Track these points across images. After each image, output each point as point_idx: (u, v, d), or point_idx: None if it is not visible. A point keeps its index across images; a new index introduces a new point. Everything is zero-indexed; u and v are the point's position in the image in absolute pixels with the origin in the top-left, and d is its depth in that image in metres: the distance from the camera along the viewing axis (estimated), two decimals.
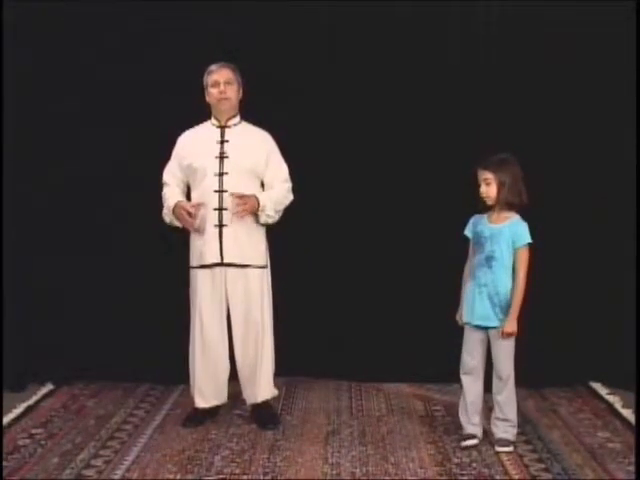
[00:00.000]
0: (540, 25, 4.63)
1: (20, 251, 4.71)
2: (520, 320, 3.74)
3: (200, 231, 4.02)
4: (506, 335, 3.74)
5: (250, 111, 4.21)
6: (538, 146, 4.58)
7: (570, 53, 4.64)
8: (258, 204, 4.01)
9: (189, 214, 3.99)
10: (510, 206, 3.77)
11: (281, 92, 4.64)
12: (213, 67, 4.10)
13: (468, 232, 3.90)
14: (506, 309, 3.75)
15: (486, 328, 3.80)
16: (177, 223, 4.09)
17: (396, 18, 4.71)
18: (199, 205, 4.01)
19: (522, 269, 3.75)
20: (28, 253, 4.74)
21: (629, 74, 4.56)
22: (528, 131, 4.62)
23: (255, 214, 4.04)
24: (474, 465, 3.65)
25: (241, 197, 3.96)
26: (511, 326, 3.73)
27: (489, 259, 3.76)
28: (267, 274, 4.18)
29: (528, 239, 3.76)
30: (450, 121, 4.72)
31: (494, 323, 3.77)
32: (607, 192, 4.69)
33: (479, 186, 3.79)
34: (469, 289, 3.84)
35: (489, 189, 3.77)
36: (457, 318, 3.92)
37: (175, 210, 4.04)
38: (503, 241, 3.75)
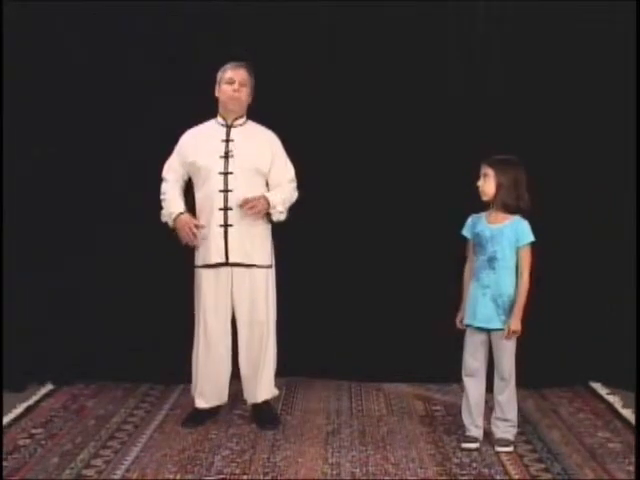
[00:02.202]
0: (540, 25, 4.63)
1: (20, 251, 4.71)
2: (524, 319, 3.74)
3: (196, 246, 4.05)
4: (511, 334, 3.73)
5: (251, 110, 4.21)
6: (537, 146, 4.58)
7: (570, 53, 4.64)
8: (268, 204, 4.01)
9: (192, 232, 3.99)
10: (506, 208, 3.76)
11: (282, 92, 4.63)
12: (230, 65, 4.07)
13: (466, 232, 3.89)
14: (509, 310, 3.74)
15: (488, 330, 3.80)
16: (173, 227, 4.07)
17: (396, 18, 4.71)
18: (202, 226, 4.01)
19: (526, 268, 3.74)
20: (28, 253, 4.74)
21: (629, 74, 4.56)
22: (527, 131, 4.62)
23: (267, 213, 4.05)
24: (474, 465, 3.65)
25: (248, 201, 3.95)
26: (516, 324, 3.72)
27: (491, 260, 3.75)
28: (272, 274, 4.17)
29: (531, 238, 3.75)
30: (449, 121, 4.73)
31: (497, 325, 3.76)
32: (607, 192, 4.70)
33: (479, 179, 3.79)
34: (472, 291, 3.82)
35: (485, 184, 3.76)
36: (457, 321, 3.90)
37: (178, 222, 4.03)
38: (505, 241, 3.74)
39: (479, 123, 4.67)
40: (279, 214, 4.07)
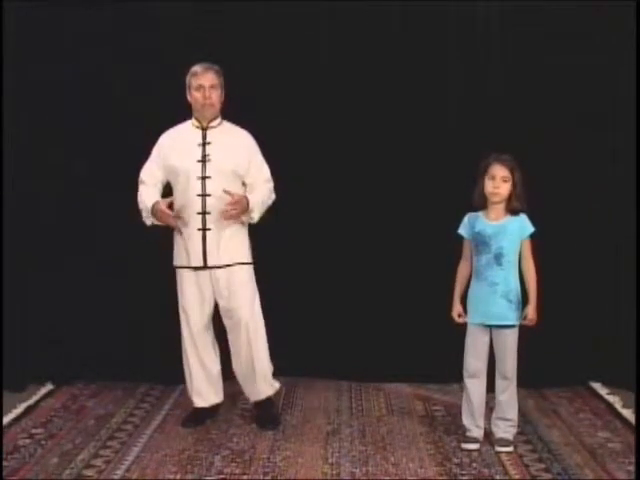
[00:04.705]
0: (540, 25, 4.63)
1: (20, 251, 4.71)
2: (538, 309, 3.80)
3: (183, 226, 4.02)
4: (530, 322, 3.77)
5: (246, 111, 4.21)
6: (537, 146, 4.58)
7: (570, 53, 4.64)
8: (247, 205, 4.01)
9: (168, 216, 3.96)
10: (513, 209, 3.77)
11: (283, 92, 4.64)
12: (198, 69, 4.05)
13: (464, 231, 3.88)
14: (517, 305, 3.77)
15: (492, 327, 3.80)
16: (158, 222, 4.06)
17: (396, 18, 4.72)
18: (177, 214, 3.99)
19: (532, 258, 3.80)
20: (28, 253, 4.74)
21: (629, 74, 4.56)
22: (526, 131, 4.61)
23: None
24: (474, 465, 3.65)
25: (233, 202, 3.93)
26: (534, 313, 3.77)
27: (498, 257, 3.76)
28: (252, 271, 4.16)
29: (532, 228, 3.78)
30: (448, 121, 4.73)
31: (511, 321, 3.78)
32: (607, 192, 4.70)
33: (488, 179, 3.75)
34: (476, 290, 3.82)
35: (505, 186, 3.74)
36: (455, 316, 3.89)
37: (154, 211, 4.00)
38: (509, 237, 3.76)
39: (479, 123, 4.67)
40: (250, 219, 4.08)
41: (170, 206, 3.98)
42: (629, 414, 4.27)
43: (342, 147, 4.77)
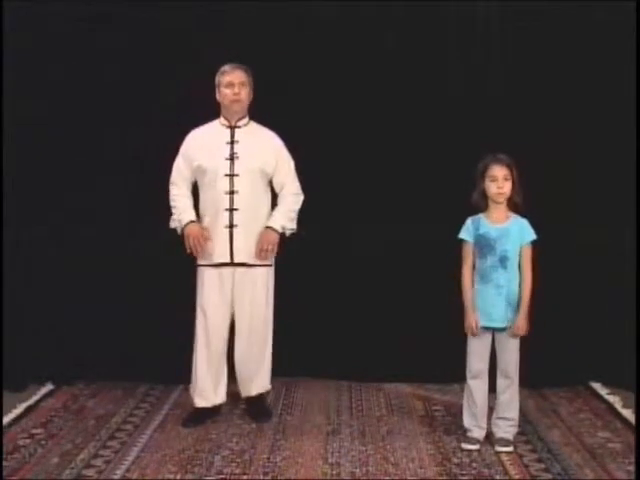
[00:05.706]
0: (540, 25, 4.64)
1: (20, 251, 4.71)
2: (530, 318, 3.79)
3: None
4: (522, 332, 3.77)
5: (254, 111, 4.21)
6: (537, 146, 4.58)
7: (570, 53, 4.64)
8: (277, 232, 4.10)
9: (200, 244, 4.05)
10: (516, 207, 3.80)
11: (283, 92, 4.64)
12: (227, 68, 4.11)
13: (467, 235, 3.86)
14: (514, 307, 3.78)
15: (498, 329, 3.81)
16: (181, 233, 4.12)
17: (397, 18, 4.72)
18: (210, 240, 4.07)
19: (530, 266, 3.79)
20: (29, 253, 4.74)
21: (629, 74, 4.56)
22: (527, 131, 4.62)
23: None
24: (474, 465, 3.65)
25: (261, 251, 4.05)
26: (526, 323, 3.76)
27: (504, 259, 3.76)
28: (272, 272, 4.22)
29: (535, 236, 3.79)
30: (448, 121, 4.73)
31: (508, 323, 3.79)
32: (607, 192, 4.70)
33: (490, 181, 3.76)
34: (484, 293, 3.81)
35: (508, 184, 3.76)
36: (472, 327, 3.81)
37: (187, 229, 4.08)
38: (512, 240, 3.77)
39: (479, 123, 4.67)
40: (290, 230, 4.19)
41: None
42: (629, 414, 4.27)
43: (341, 147, 4.77)
